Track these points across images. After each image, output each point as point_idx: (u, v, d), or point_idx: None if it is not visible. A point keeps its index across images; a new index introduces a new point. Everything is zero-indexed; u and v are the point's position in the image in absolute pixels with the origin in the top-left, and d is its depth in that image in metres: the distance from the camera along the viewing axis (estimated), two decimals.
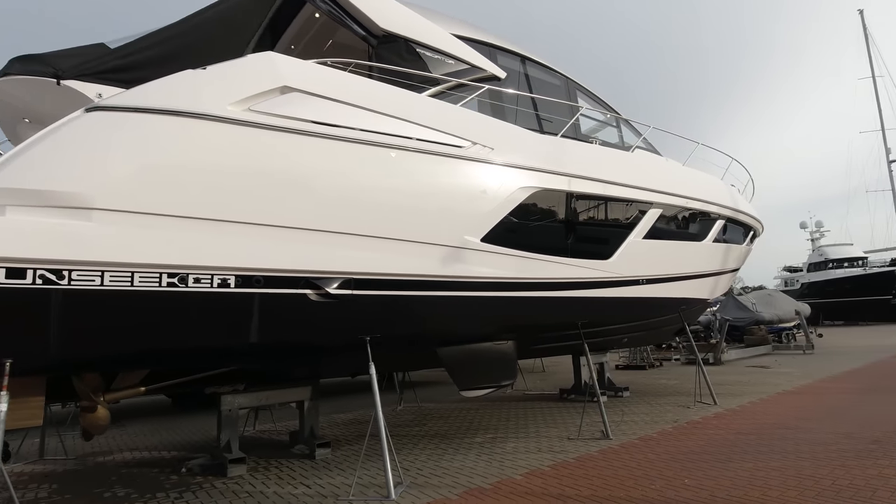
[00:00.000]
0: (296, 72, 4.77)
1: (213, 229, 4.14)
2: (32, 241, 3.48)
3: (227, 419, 5.92)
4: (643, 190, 7.76)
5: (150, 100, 4.05)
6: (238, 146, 4.30)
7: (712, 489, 4.47)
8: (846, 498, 4.13)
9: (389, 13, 6.10)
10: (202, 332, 4.25)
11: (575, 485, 4.79)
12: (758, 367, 13.77)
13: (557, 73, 8.19)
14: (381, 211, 5.00)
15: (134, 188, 3.85)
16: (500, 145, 6.06)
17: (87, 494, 5.15)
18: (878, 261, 39.61)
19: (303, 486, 5.13)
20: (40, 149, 3.63)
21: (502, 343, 6.59)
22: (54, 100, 4.77)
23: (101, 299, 3.70)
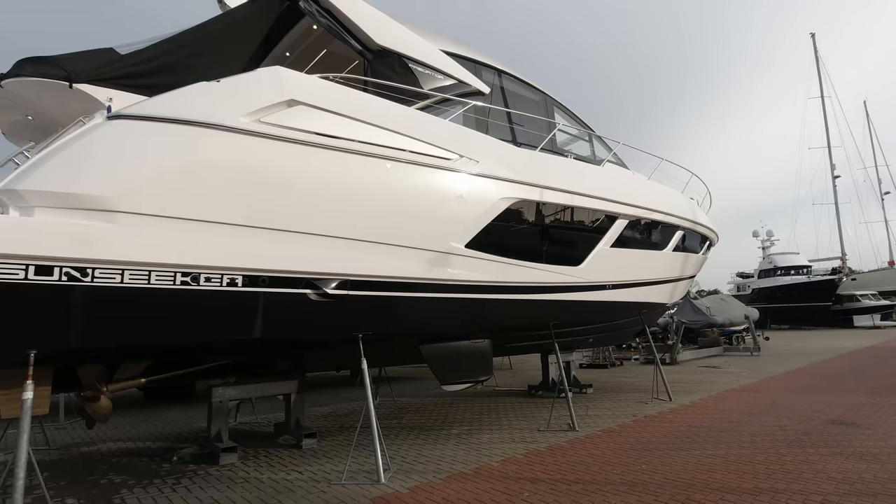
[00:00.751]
0: (301, 86, 5.10)
1: (224, 232, 4.45)
2: (59, 241, 3.73)
3: (218, 410, 6.19)
4: (612, 202, 8.38)
5: (169, 110, 4.32)
6: (248, 155, 4.62)
7: (665, 473, 5.08)
8: (777, 479, 4.79)
9: (384, 30, 6.47)
10: (211, 328, 4.55)
11: (546, 470, 5.32)
12: (710, 367, 14.77)
13: (536, 90, 8.73)
14: (376, 217, 5.39)
15: (152, 193, 4.13)
16: (484, 158, 6.53)
17: (83, 482, 5.35)
18: (821, 269, 42.30)
19: (295, 473, 5.48)
20: (67, 154, 3.87)
21: (480, 341, 7.08)
22: (60, 101, 4.95)
23: (120, 296, 3.97)
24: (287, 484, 5.11)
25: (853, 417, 7.34)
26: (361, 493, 4.72)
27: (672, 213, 9.91)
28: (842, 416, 7.42)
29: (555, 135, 8.36)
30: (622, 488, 4.69)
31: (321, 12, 6.06)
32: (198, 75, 5.03)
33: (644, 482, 4.84)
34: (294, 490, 4.90)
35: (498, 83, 8.02)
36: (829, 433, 6.47)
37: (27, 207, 3.71)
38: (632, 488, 4.68)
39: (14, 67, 4.72)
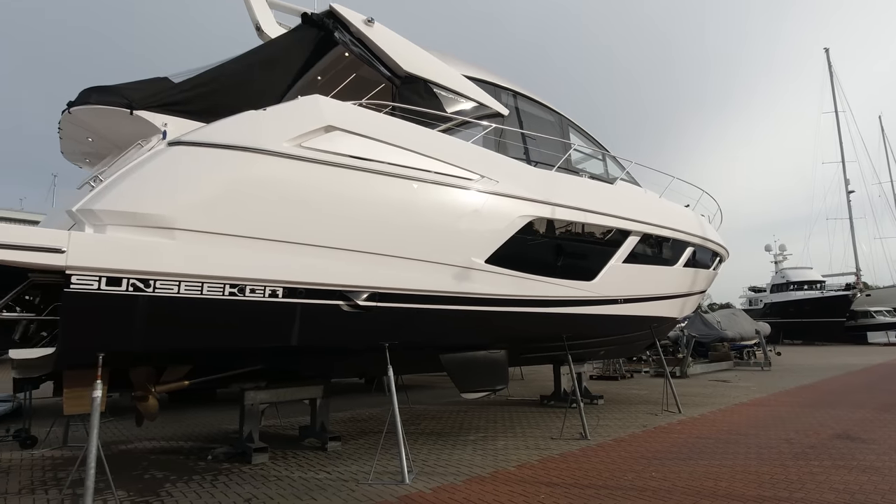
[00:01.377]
0: (337, 112, 5.53)
1: (268, 248, 4.86)
2: (127, 255, 4.15)
3: (250, 412, 6.58)
4: (624, 219, 8.71)
5: (221, 136, 4.76)
6: (290, 177, 5.04)
7: (674, 481, 5.36)
8: (780, 488, 5.06)
9: (411, 57, 6.90)
10: (254, 335, 4.95)
11: (560, 475, 5.63)
12: (720, 381, 14.92)
13: (552, 111, 9.12)
14: (404, 234, 5.78)
15: (206, 212, 4.55)
16: (504, 178, 6.91)
17: (128, 477, 5.75)
18: (834, 284, 41.99)
19: (324, 473, 5.84)
20: (134, 177, 4.31)
21: (496, 352, 7.41)
22: (117, 124, 5.43)
23: (177, 305, 4.39)
24: (317, 483, 5.47)
25: (859, 432, 7.54)
26: (388, 493, 5.07)
27: (682, 230, 10.20)
28: (848, 431, 7.63)
29: (570, 154, 8.72)
30: (633, 493, 4.98)
31: (354, 42, 6.51)
32: (243, 101, 5.49)
33: (653, 488, 5.13)
34: (324, 488, 5.26)
35: (515, 105, 8.41)
36: (835, 447, 6.70)
37: (101, 225, 4.15)
38: (642, 493, 4.97)
39: (81, 96, 5.22)
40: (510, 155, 7.72)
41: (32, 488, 5.33)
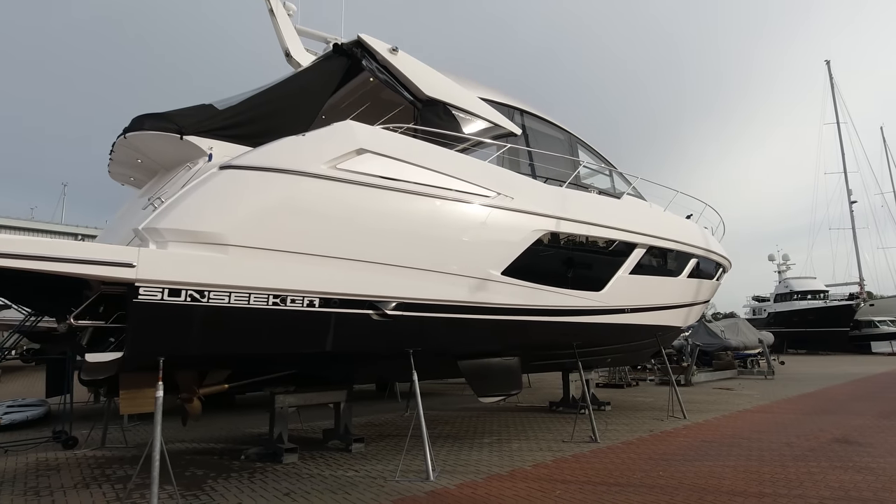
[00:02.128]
0: (368, 136, 6.01)
1: (306, 261, 5.31)
2: (186, 269, 4.61)
3: (280, 415, 7.01)
4: (630, 232, 9.14)
5: (266, 160, 5.23)
6: (326, 197, 5.50)
7: (680, 479, 5.75)
8: (780, 486, 5.44)
9: (432, 81, 7.39)
10: (293, 341, 5.39)
11: (573, 474, 6.02)
12: (723, 389, 15.24)
13: (562, 129, 9.60)
14: (428, 248, 6.22)
15: (253, 229, 5.01)
16: (518, 195, 7.36)
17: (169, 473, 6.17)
18: (838, 294, 42.14)
19: (352, 471, 6.25)
20: (192, 198, 4.78)
21: (510, 359, 7.83)
22: (165, 147, 5.92)
23: (227, 313, 4.84)
24: (347, 480, 5.88)
25: (857, 437, 7.90)
26: (415, 489, 5.47)
27: (686, 242, 10.61)
28: (846, 436, 7.98)
29: (579, 171, 9.17)
30: (641, 490, 5.38)
31: (379, 69, 7.01)
32: (281, 126, 5.99)
33: (661, 486, 5.52)
34: (355, 485, 5.66)
35: (527, 124, 8.88)
36: (833, 450, 7.07)
37: (163, 242, 4.61)
38: (650, 490, 5.37)
39: (135, 122, 5.71)
40: (523, 172, 8.18)
41: (86, 483, 5.76)
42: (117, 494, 5.37)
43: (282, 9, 8.10)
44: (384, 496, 5.22)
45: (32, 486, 5.67)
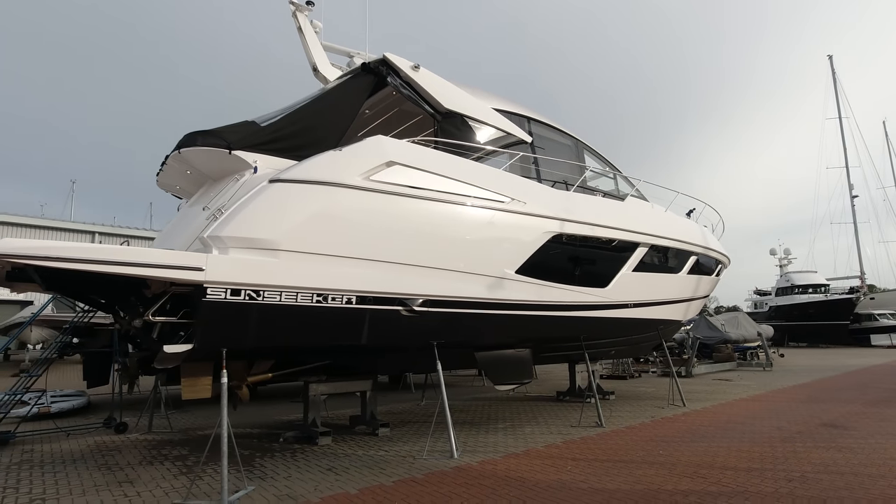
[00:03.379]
0: (396, 149, 6.64)
1: (344, 263, 5.97)
2: (244, 271, 5.27)
3: (314, 402, 7.69)
4: (633, 232, 9.76)
5: (310, 173, 5.88)
6: (361, 205, 6.15)
7: (678, 457, 6.42)
8: (767, 462, 6.10)
9: (450, 95, 8.00)
10: (333, 335, 6.05)
11: (582, 453, 6.70)
12: (723, 380, 15.90)
13: (568, 135, 10.20)
14: (451, 250, 6.87)
15: (299, 235, 5.66)
16: (530, 199, 7.99)
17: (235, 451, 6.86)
18: (838, 288, 42.69)
19: (382, 451, 6.93)
20: (247, 210, 5.44)
21: (522, 351, 8.49)
22: (211, 160, 6.57)
23: (278, 310, 5.50)
24: (379, 458, 6.56)
25: (843, 422, 8.55)
26: (442, 465, 6.16)
27: (686, 240, 11.23)
28: (834, 421, 8.64)
29: (584, 173, 9.79)
30: (643, 465, 6.05)
31: (403, 84, 7.62)
32: (317, 140, 6.63)
33: (661, 462, 6.19)
34: (388, 462, 6.35)
35: (536, 132, 9.49)
36: (819, 433, 7.72)
37: (224, 248, 5.26)
38: (651, 466, 6.04)
39: (188, 139, 6.36)
40: (533, 177, 8.81)
41: (149, 461, 6.46)
42: (180, 470, 6.07)
43: (309, 26, 8.73)
44: (415, 471, 5.90)
45: (103, 462, 6.38)
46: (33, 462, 6.48)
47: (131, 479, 5.68)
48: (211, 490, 5.27)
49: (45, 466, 6.24)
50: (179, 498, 4.97)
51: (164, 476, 5.79)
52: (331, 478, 5.66)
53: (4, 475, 5.86)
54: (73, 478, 5.72)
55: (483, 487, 5.27)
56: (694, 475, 5.63)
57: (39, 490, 5.26)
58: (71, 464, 6.37)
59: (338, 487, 5.29)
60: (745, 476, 5.57)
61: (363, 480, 5.54)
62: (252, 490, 5.21)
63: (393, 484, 5.41)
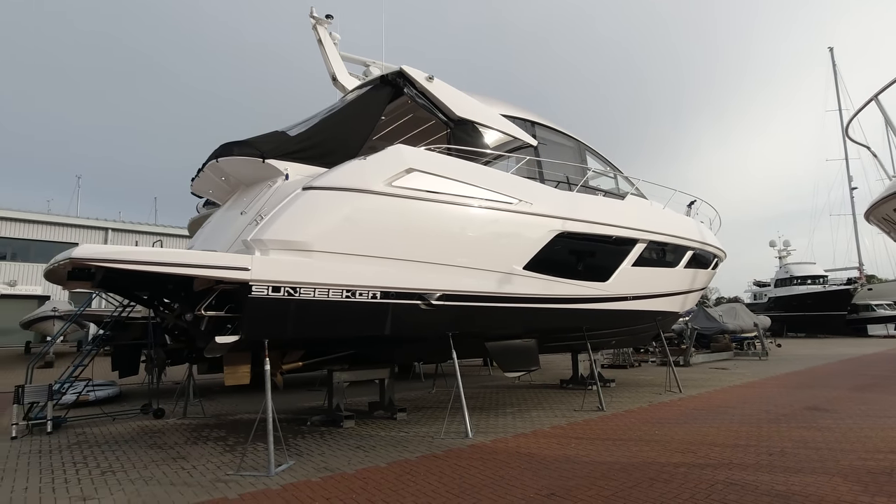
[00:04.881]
0: (415, 157, 7.24)
1: (370, 262, 6.60)
2: (284, 270, 5.91)
3: (337, 389, 8.37)
4: (633, 229, 10.36)
5: (339, 181, 6.50)
6: (384, 209, 6.76)
7: (672, 436, 7.08)
8: (751, 440, 6.75)
9: (462, 103, 8.59)
10: (360, 327, 6.69)
11: (584, 433, 7.36)
12: (719, 369, 16.58)
13: (571, 137, 10.79)
14: (465, 248, 7.49)
15: (331, 237, 6.29)
16: (536, 200, 8.60)
17: (256, 436, 7.53)
18: (837, 279, 43.28)
19: (402, 433, 7.60)
20: (285, 215, 6.06)
21: (529, 341, 9.14)
22: (243, 168, 7.18)
23: (313, 305, 6.14)
24: (400, 438, 7.23)
25: (826, 405, 9.21)
26: (458, 444, 6.82)
27: (683, 236, 11.83)
28: (818, 405, 9.29)
29: (587, 174, 10.39)
30: (640, 443, 6.71)
31: (418, 94, 8.22)
32: (341, 148, 7.25)
33: (656, 440, 6.86)
34: (409, 441, 7.02)
35: (541, 135, 10.08)
36: (803, 415, 8.37)
37: (265, 250, 5.90)
38: (647, 443, 6.70)
39: (224, 149, 6.97)
40: (540, 178, 9.40)
41: (194, 441, 7.15)
42: (223, 449, 6.75)
43: (328, 38, 9.30)
44: (435, 448, 6.57)
45: (153, 443, 7.07)
46: (90, 443, 7.17)
47: (183, 455, 6.36)
48: (256, 464, 5.95)
49: (103, 446, 6.93)
50: (231, 470, 5.65)
51: (211, 453, 6.47)
52: (360, 454, 6.33)
53: (70, 453, 6.54)
54: (130, 455, 6.41)
55: (496, 461, 5.94)
56: (685, 451, 6.29)
57: (106, 464, 5.94)
58: (124, 444, 7.06)
59: (368, 462, 5.96)
60: (730, 451, 6.22)
61: (389, 456, 6.21)
62: (293, 464, 5.88)
63: (416, 459, 6.08)
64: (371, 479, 5.29)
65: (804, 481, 5.04)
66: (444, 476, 5.39)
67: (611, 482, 5.10)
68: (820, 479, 5.06)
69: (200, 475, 5.50)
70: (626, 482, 5.10)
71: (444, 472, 5.55)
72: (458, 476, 5.38)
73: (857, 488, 4.75)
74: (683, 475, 5.29)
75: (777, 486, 4.91)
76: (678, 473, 5.36)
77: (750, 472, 5.38)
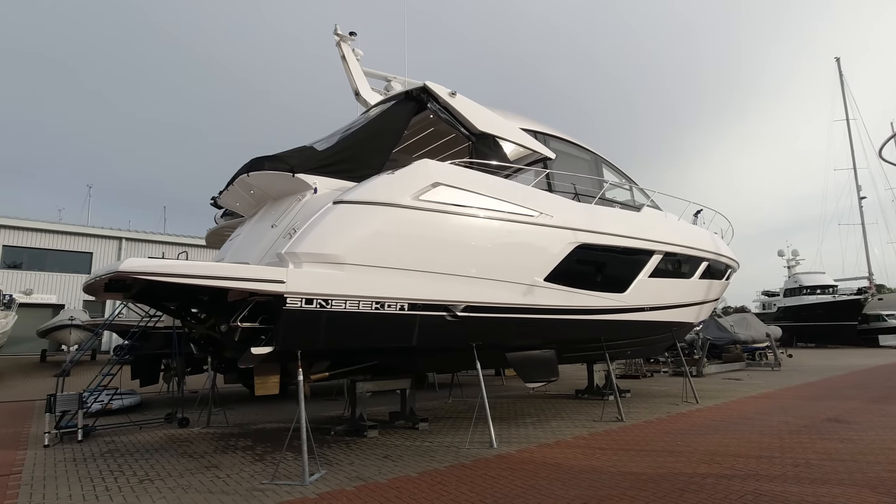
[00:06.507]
0: (441, 171, 7.40)
1: (398, 274, 6.73)
2: (317, 283, 6.05)
3: (360, 399, 8.48)
4: (649, 241, 10.47)
5: (369, 195, 6.66)
6: (412, 223, 6.91)
7: (695, 446, 7.14)
8: (775, 451, 6.81)
9: (483, 118, 8.76)
10: (389, 337, 6.81)
11: (607, 443, 7.43)
12: (732, 380, 16.56)
13: (588, 151, 10.94)
14: (487, 260, 7.61)
15: (360, 251, 6.43)
16: (556, 213, 8.73)
17: (279, 443, 7.65)
18: (847, 289, 43.07)
19: (426, 443, 7.69)
20: (317, 229, 6.22)
21: (548, 351, 9.23)
22: (271, 182, 7.36)
23: (344, 316, 6.28)
24: (426, 448, 7.32)
25: (846, 417, 9.23)
26: (484, 453, 6.91)
27: (698, 247, 11.92)
28: (837, 416, 9.32)
29: (603, 186, 10.52)
30: (664, 454, 6.77)
31: (441, 109, 8.40)
32: (367, 162, 7.43)
33: (680, 451, 6.92)
34: (435, 451, 7.11)
35: (559, 148, 10.22)
36: (823, 426, 8.41)
37: (299, 262, 6.05)
38: (671, 454, 6.76)
39: (255, 163, 7.16)
40: (557, 190, 9.54)
41: (223, 450, 7.27)
42: (252, 458, 6.86)
43: (352, 54, 9.52)
44: (462, 458, 6.66)
45: (183, 451, 7.19)
46: (121, 451, 7.30)
47: (214, 464, 6.48)
48: (289, 473, 6.06)
49: (135, 454, 7.06)
50: (266, 479, 5.76)
51: (242, 462, 6.58)
52: (389, 464, 6.43)
53: (104, 461, 6.67)
54: (164, 463, 6.53)
55: (525, 471, 6.02)
56: (710, 462, 6.35)
57: (142, 473, 6.07)
58: (155, 452, 7.18)
59: (398, 472, 6.06)
60: (755, 462, 6.28)
61: (418, 466, 6.31)
62: (325, 473, 5.98)
63: (445, 469, 6.17)
64: (404, 489, 5.39)
65: (833, 493, 5.10)
66: (475, 486, 5.48)
67: (641, 492, 5.18)
68: (849, 491, 5.12)
69: (236, 483, 5.62)
70: (656, 492, 5.18)
71: (474, 481, 5.64)
72: (488, 486, 5.47)
73: (888, 500, 4.80)
74: (712, 486, 5.36)
75: (806, 497, 4.97)
76: (706, 484, 5.43)
77: (777, 483, 5.44)
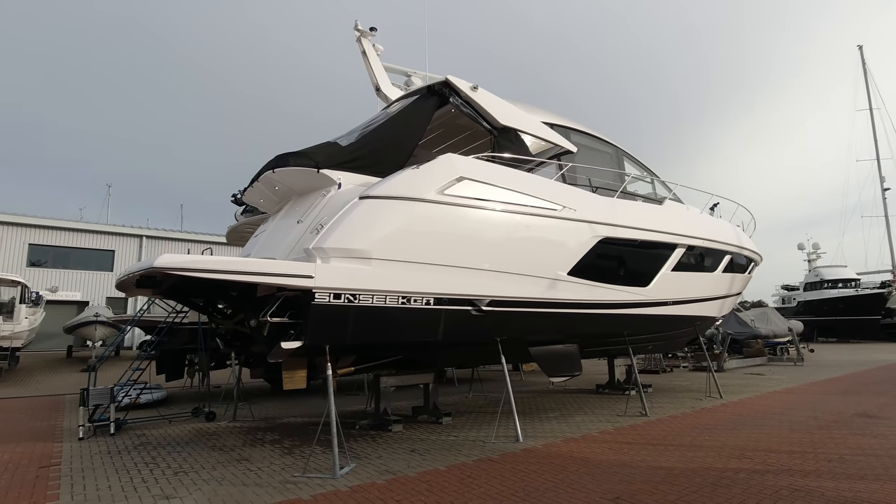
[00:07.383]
0: (465, 165, 7.38)
1: (424, 269, 6.74)
2: (345, 277, 6.09)
3: (384, 393, 8.53)
4: (672, 234, 10.35)
5: (393, 190, 6.67)
6: (437, 217, 6.91)
7: (723, 442, 7.06)
8: (807, 447, 6.71)
9: (505, 112, 8.72)
10: (415, 332, 6.84)
11: (634, 438, 7.39)
12: (754, 374, 16.35)
13: (609, 143, 10.83)
14: (513, 255, 7.59)
15: (387, 245, 6.46)
16: (579, 207, 8.66)
17: (308, 437, 7.73)
18: (869, 282, 42.17)
19: (451, 437, 7.72)
20: (344, 224, 6.25)
21: (570, 345, 9.19)
22: (296, 177, 7.40)
23: (371, 311, 6.31)
24: (452, 442, 7.35)
25: (876, 412, 9.06)
26: (510, 448, 6.91)
27: (721, 240, 11.76)
28: (867, 412, 9.15)
29: (625, 179, 10.42)
30: (693, 449, 6.71)
31: (463, 104, 8.38)
32: (391, 157, 7.45)
33: (708, 445, 6.85)
34: (462, 445, 7.13)
35: (580, 142, 10.14)
36: (854, 422, 8.27)
37: (326, 258, 6.09)
38: (700, 449, 6.70)
39: (280, 159, 7.21)
40: (579, 184, 9.47)
41: (251, 443, 7.37)
42: (281, 451, 6.95)
43: (372, 50, 9.53)
44: (489, 452, 6.67)
45: (213, 444, 7.31)
46: (153, 444, 7.45)
47: (245, 457, 6.58)
48: (319, 466, 6.12)
49: (167, 447, 7.19)
50: (297, 472, 5.83)
51: (272, 456, 6.67)
52: (416, 458, 6.46)
53: (138, 454, 6.81)
54: (196, 456, 6.65)
55: (553, 465, 6.02)
56: (741, 457, 6.28)
57: (176, 465, 6.18)
58: (186, 445, 7.31)
59: (427, 465, 6.09)
60: (787, 457, 6.20)
61: (446, 460, 6.33)
62: (355, 466, 6.04)
63: (473, 462, 6.19)
64: (434, 483, 5.42)
65: (870, 488, 5.02)
66: (505, 479, 5.49)
67: (673, 487, 5.15)
68: (887, 487, 5.03)
69: (269, 476, 5.69)
70: (688, 486, 5.14)
71: (503, 475, 5.65)
72: (518, 479, 5.48)
73: None
74: (745, 481, 5.31)
75: (843, 492, 4.90)
76: (739, 479, 5.37)
77: (812, 478, 5.36)
